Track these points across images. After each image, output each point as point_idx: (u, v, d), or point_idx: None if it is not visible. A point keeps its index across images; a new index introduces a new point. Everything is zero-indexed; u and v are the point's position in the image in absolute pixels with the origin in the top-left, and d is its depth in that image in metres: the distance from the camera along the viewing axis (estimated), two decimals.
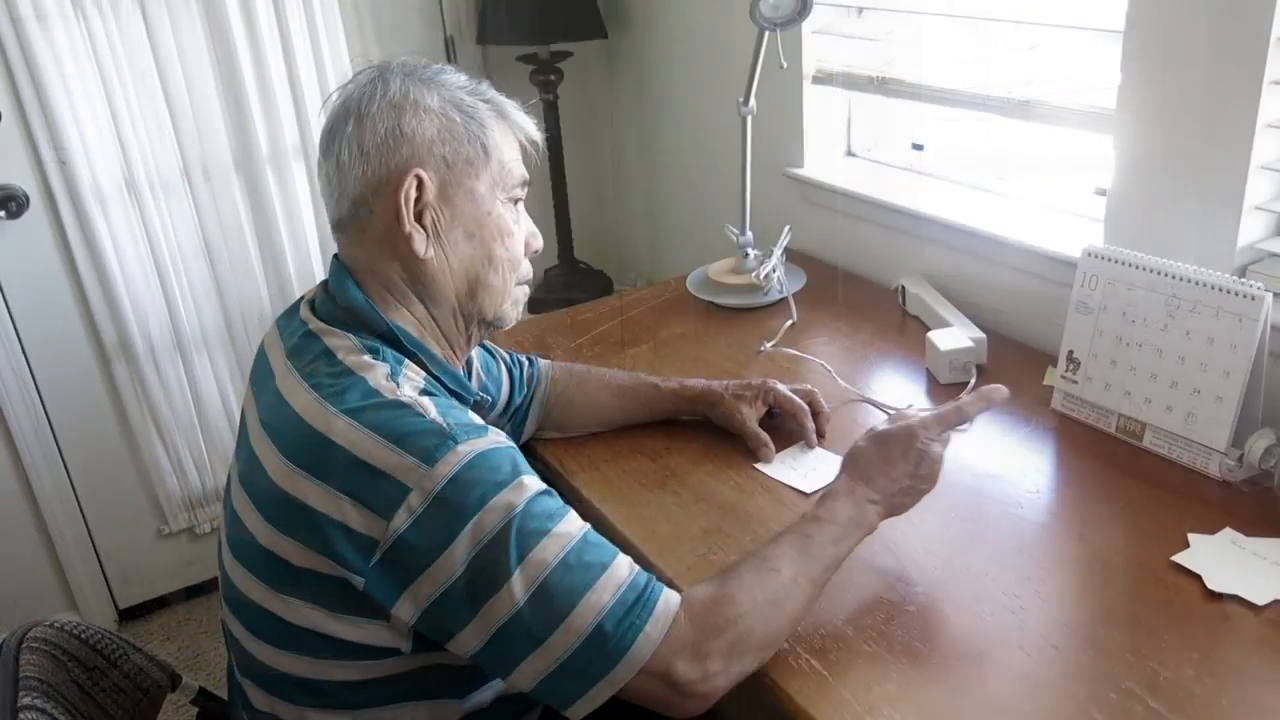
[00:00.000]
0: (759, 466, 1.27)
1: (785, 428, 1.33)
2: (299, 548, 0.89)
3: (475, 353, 1.24)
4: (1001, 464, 1.25)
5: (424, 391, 0.94)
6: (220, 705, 1.17)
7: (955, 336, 1.46)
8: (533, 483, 0.90)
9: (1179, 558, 1.05)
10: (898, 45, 1.75)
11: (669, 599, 0.90)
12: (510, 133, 1.05)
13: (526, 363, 1.37)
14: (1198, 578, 1.02)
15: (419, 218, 0.99)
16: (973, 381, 1.42)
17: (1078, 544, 1.10)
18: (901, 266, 1.77)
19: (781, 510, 1.18)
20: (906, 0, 1.67)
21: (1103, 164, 1.40)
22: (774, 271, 1.72)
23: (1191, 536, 1.08)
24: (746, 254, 1.78)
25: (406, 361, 0.98)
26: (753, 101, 1.68)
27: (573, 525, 0.90)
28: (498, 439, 0.91)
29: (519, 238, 1.07)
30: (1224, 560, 1.04)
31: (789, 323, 1.66)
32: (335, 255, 1.04)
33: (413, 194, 0.98)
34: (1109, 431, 1.29)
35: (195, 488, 2.31)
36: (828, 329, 1.65)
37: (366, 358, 0.95)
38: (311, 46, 2.11)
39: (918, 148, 1.87)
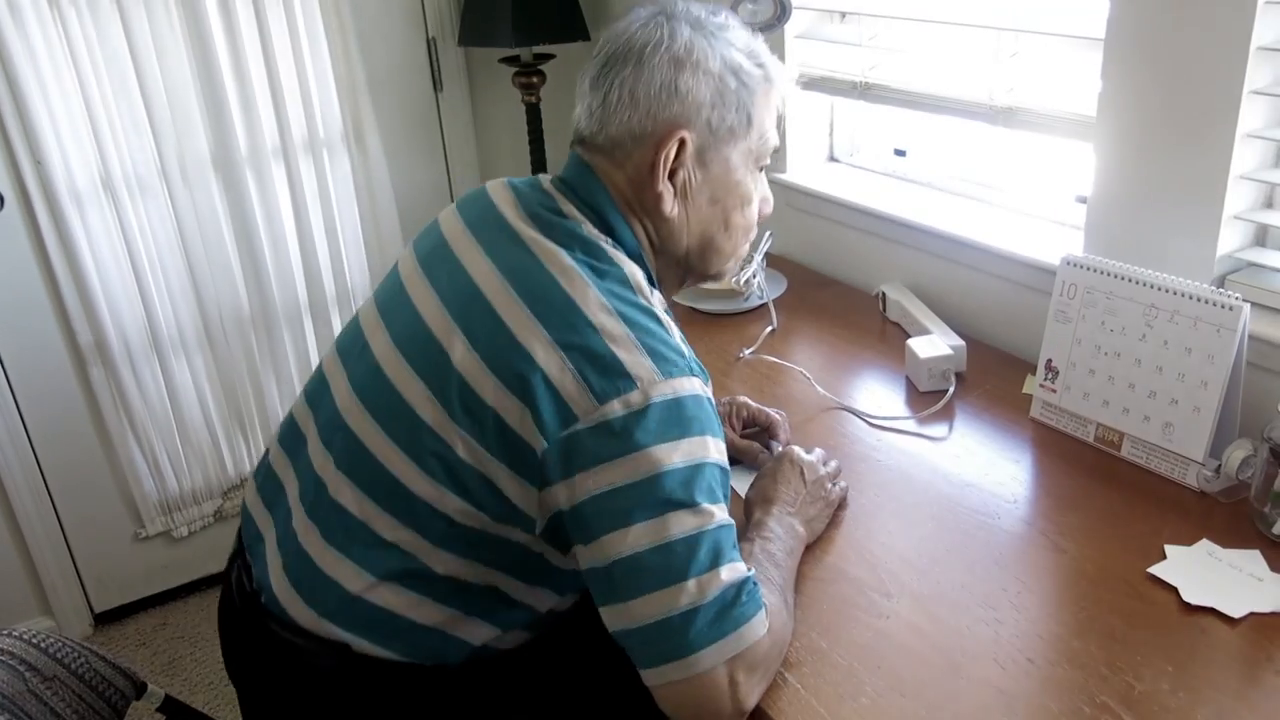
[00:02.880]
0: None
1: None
2: (500, 387, 0.88)
3: None
4: (979, 473, 1.24)
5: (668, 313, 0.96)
6: (188, 713, 1.15)
7: (935, 344, 1.45)
8: (723, 450, 0.93)
9: (1156, 569, 1.04)
10: (880, 51, 1.74)
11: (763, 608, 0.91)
12: (772, 101, 1.06)
13: None
14: (1174, 590, 1.02)
15: (671, 175, 1.00)
16: (951, 389, 1.41)
17: (1054, 555, 1.09)
18: (882, 272, 1.77)
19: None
20: (889, 6, 1.67)
21: (1084, 171, 1.40)
22: (754, 277, 1.71)
23: (1168, 548, 1.08)
24: None
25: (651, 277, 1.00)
26: None
27: (727, 509, 0.92)
28: (711, 394, 0.93)
29: (756, 204, 1.08)
30: (1200, 572, 1.04)
31: (769, 329, 1.65)
32: (578, 157, 1.04)
33: (672, 154, 0.98)
34: (1087, 441, 1.28)
35: (172, 491, 2.29)
36: (808, 335, 1.65)
37: (622, 254, 0.97)
38: (292, 46, 2.09)
39: (900, 154, 1.86)
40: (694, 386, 0.90)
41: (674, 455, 0.87)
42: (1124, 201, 1.33)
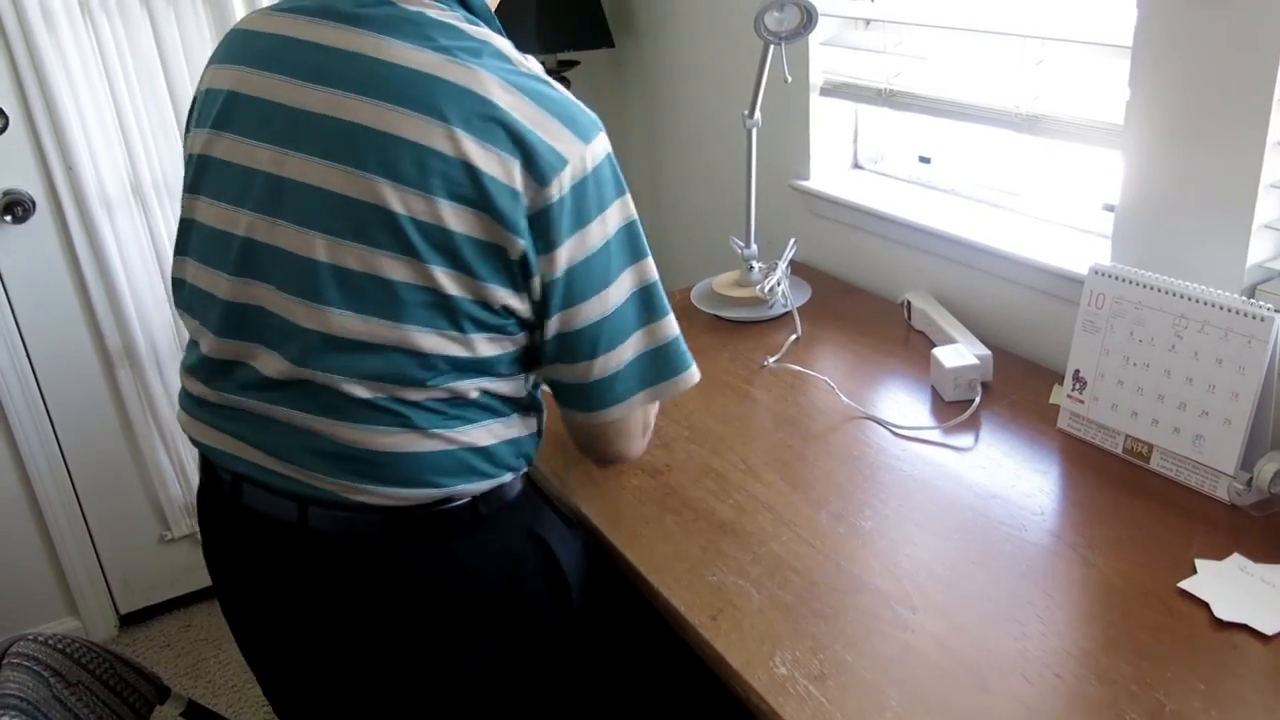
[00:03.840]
0: None
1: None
2: (453, 207, 0.88)
3: None
4: (1006, 485, 1.23)
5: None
6: (210, 719, 1.16)
7: (960, 353, 1.44)
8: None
9: (1186, 584, 1.03)
10: (905, 58, 1.73)
11: None
12: None
13: None
14: (1205, 605, 1.00)
15: None
16: (977, 399, 1.40)
17: (1083, 569, 1.08)
18: (907, 281, 1.76)
19: (781, 529, 1.17)
20: (914, 13, 1.66)
21: (1111, 179, 1.38)
22: (779, 285, 1.71)
23: (1199, 562, 1.06)
24: (751, 266, 1.77)
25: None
26: (758, 114, 1.67)
27: None
28: None
29: None
30: (1232, 587, 1.02)
31: (793, 337, 1.65)
32: None
33: None
34: (1116, 453, 1.27)
35: None
36: (832, 344, 1.64)
37: (482, 27, 0.95)
38: None
39: (925, 161, 1.85)
40: (605, 144, 0.94)
41: (617, 218, 0.95)
42: (1152, 210, 1.32)
